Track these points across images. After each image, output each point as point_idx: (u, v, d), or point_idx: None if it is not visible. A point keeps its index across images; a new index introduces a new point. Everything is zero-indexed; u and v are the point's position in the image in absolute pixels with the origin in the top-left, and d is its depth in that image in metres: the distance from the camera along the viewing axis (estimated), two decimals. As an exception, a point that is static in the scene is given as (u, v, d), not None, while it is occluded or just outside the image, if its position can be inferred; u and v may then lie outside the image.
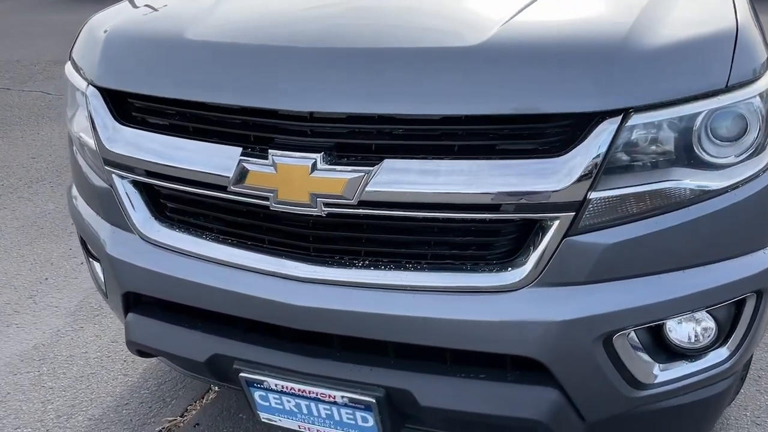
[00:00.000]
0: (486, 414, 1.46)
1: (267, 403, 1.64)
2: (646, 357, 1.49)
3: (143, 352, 1.79)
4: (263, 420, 1.68)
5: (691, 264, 1.42)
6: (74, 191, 2.00)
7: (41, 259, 3.38)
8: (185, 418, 2.29)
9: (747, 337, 1.53)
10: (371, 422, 1.55)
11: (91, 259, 1.96)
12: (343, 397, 1.52)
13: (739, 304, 1.51)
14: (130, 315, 1.76)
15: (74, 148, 1.90)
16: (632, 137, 1.31)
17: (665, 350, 1.53)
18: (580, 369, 1.42)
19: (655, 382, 1.51)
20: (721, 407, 1.77)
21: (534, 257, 1.37)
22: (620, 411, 1.52)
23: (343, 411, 1.56)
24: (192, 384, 2.41)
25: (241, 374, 1.59)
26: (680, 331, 1.51)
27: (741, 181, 1.40)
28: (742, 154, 1.40)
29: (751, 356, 1.90)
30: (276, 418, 1.66)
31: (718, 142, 1.38)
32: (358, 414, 1.55)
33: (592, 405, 1.49)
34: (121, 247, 1.70)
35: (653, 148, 1.34)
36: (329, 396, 1.53)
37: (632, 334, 1.46)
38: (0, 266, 3.33)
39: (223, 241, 1.60)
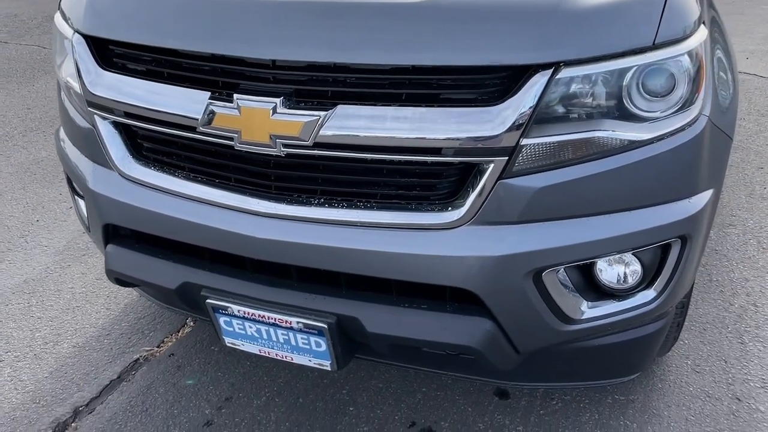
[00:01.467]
0: (426, 340, 1.61)
1: (231, 329, 1.79)
2: (574, 294, 1.63)
3: (121, 281, 1.94)
4: (228, 345, 1.84)
5: (617, 208, 1.55)
6: (62, 134, 2.13)
7: (33, 203, 3.52)
8: (161, 348, 2.45)
9: (673, 280, 1.67)
10: (324, 347, 1.70)
11: (76, 197, 2.10)
12: (298, 322, 1.67)
13: (665, 249, 1.65)
14: (110, 246, 1.90)
15: (62, 93, 2.02)
16: (563, 89, 1.43)
17: (594, 289, 1.67)
18: (512, 302, 1.57)
19: (583, 317, 1.65)
20: (652, 348, 1.92)
21: (471, 198, 1.50)
22: (551, 343, 1.67)
23: (298, 336, 1.71)
24: (169, 318, 2.57)
25: (208, 301, 1.74)
26: (608, 271, 1.65)
27: (667, 133, 1.52)
28: (669, 109, 1.52)
29: (687, 304, 2.05)
30: (239, 342, 1.81)
31: (647, 96, 1.50)
32: (312, 339, 1.70)
33: (524, 336, 1.64)
34: (101, 182, 1.84)
35: (583, 100, 1.46)
36: (286, 322, 1.68)
37: (562, 271, 1.60)
38: (-6, 208, 3.47)
39: (194, 179, 1.73)
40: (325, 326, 1.64)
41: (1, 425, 2.10)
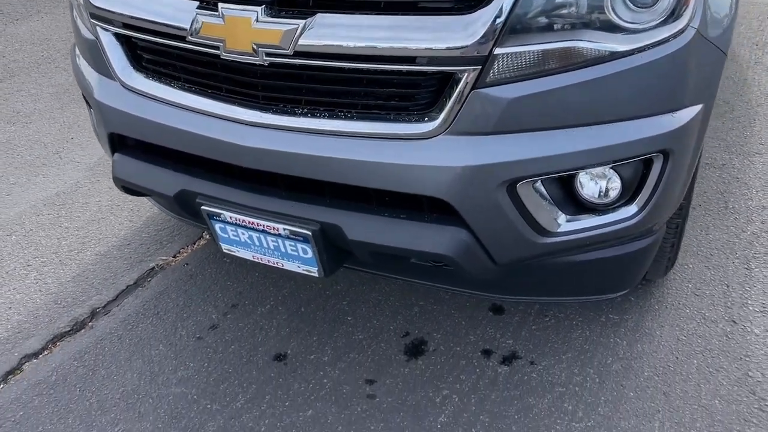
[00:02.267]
0: (404, 248, 1.67)
1: (226, 235, 1.88)
2: (551, 206, 1.64)
3: (128, 189, 2.04)
4: (225, 251, 1.93)
5: (595, 121, 1.54)
6: (76, 50, 2.21)
7: (69, 122, 3.67)
8: (177, 258, 2.58)
9: (654, 196, 1.66)
10: (310, 254, 1.77)
11: (89, 108, 2.20)
12: (285, 229, 1.74)
13: (647, 164, 1.64)
14: (116, 155, 2.00)
15: (73, 11, 2.09)
16: (538, -2, 1.41)
17: (573, 202, 1.68)
18: (486, 212, 1.59)
19: (560, 230, 1.67)
20: (639, 266, 1.93)
21: (447, 108, 1.52)
22: (528, 256, 1.70)
23: (287, 243, 1.78)
24: (186, 231, 2.70)
25: (203, 207, 1.82)
26: (588, 185, 1.66)
27: (650, 44, 1.49)
28: (654, 20, 1.48)
29: (681, 225, 2.04)
30: (234, 248, 1.90)
31: (632, 6, 1.47)
32: (299, 246, 1.77)
33: (500, 247, 1.67)
34: (105, 92, 1.92)
35: (561, 9, 1.43)
36: (274, 228, 1.76)
37: (538, 184, 1.61)
38: (34, 126, 3.64)
39: (188, 89, 1.79)
40: (310, 233, 1.71)
41: (25, 322, 2.29)
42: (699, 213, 2.76)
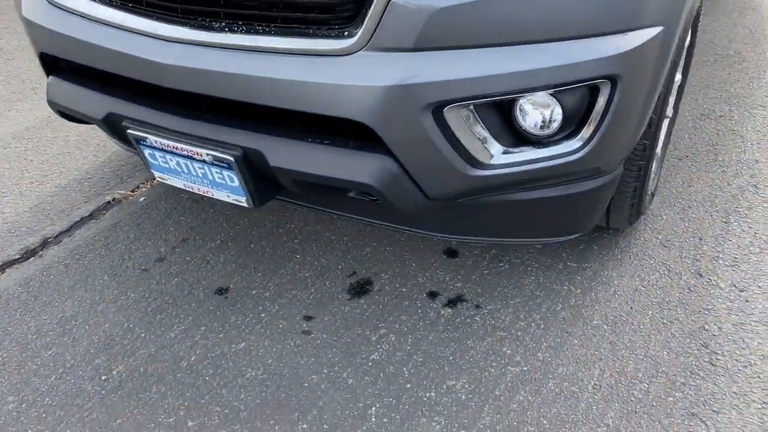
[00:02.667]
0: (327, 176, 1.58)
1: (156, 162, 1.81)
2: (484, 135, 1.54)
3: (63, 114, 1.99)
4: (158, 179, 1.87)
5: (531, 39, 1.42)
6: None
7: (52, 59, 3.63)
8: (135, 193, 2.54)
9: (600, 129, 1.54)
10: (236, 182, 1.70)
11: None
12: (208, 154, 1.67)
13: (593, 92, 1.51)
14: (50, 77, 1.94)
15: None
16: None
17: (511, 133, 1.57)
18: (412, 139, 1.49)
19: (495, 162, 1.57)
20: (591, 208, 1.82)
21: (366, 20, 1.41)
22: (462, 190, 1.60)
23: (213, 170, 1.71)
24: (146, 166, 2.64)
25: (129, 131, 1.76)
26: (526, 113, 1.54)
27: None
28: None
29: (645, 168, 1.90)
30: (166, 176, 1.84)
31: None
32: (225, 173, 1.70)
33: (431, 180, 1.58)
34: (32, 9, 1.85)
35: None
36: (198, 154, 1.69)
37: (470, 109, 1.50)
38: (15, 62, 3.60)
39: (109, 3, 1.71)
40: (233, 159, 1.63)
41: (-25, 249, 2.27)
42: (685, 164, 2.61)
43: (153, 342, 1.92)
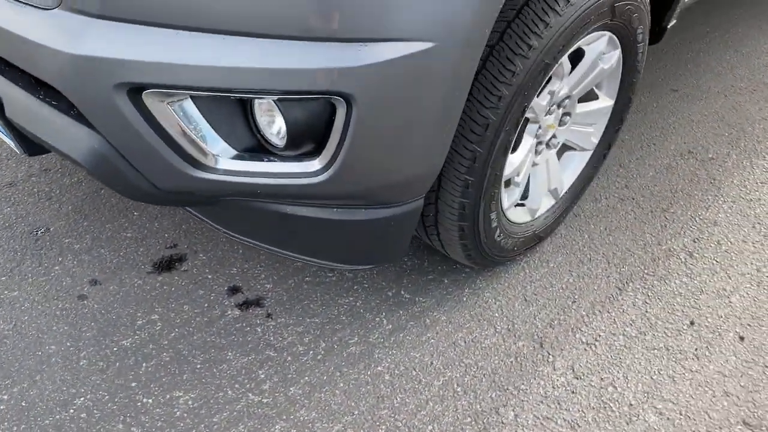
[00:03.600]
0: (48, 143, 1.41)
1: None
2: (205, 133, 1.29)
3: None
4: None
5: (238, 29, 1.15)
6: None
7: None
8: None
9: (339, 156, 1.26)
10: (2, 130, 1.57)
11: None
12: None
13: (332, 109, 1.23)
14: None
15: None
16: None
17: (249, 138, 1.32)
18: (114, 120, 1.28)
19: (220, 167, 1.33)
20: (374, 243, 1.53)
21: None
22: (189, 187, 1.37)
23: (-20, 109, 1.58)
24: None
25: None
26: (257, 119, 1.29)
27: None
28: None
29: (475, 208, 1.57)
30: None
31: None
32: (-11, 116, 1.57)
33: (151, 169, 1.36)
34: None
35: None
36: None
37: (188, 101, 1.26)
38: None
39: None
40: (-17, 102, 1.49)
41: None
42: (622, 208, 2.20)
43: (-57, 267, 1.88)
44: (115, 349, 1.68)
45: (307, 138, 1.28)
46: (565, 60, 1.57)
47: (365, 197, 1.41)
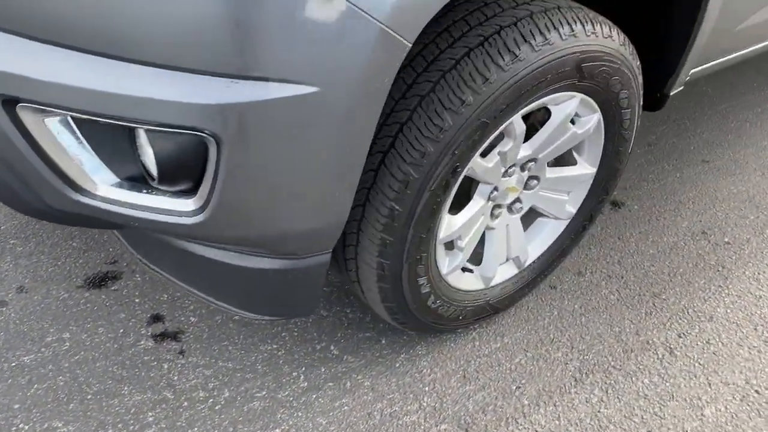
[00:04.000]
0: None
1: None
2: (82, 158, 1.20)
3: None
4: None
5: (106, 52, 1.05)
6: None
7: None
8: None
9: (212, 199, 1.14)
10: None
11: None
12: None
13: (204, 147, 1.11)
14: None
15: None
16: None
17: (133, 166, 1.22)
18: (-7, 130, 1.21)
19: (101, 194, 1.23)
20: (271, 296, 1.40)
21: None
22: (72, 209, 1.28)
23: None
24: None
25: None
26: (137, 148, 1.19)
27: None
28: None
29: (396, 271, 1.41)
30: None
31: None
32: None
33: (34, 183, 1.27)
34: None
35: None
36: None
37: (67, 121, 1.17)
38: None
39: None
40: None
41: None
42: (606, 287, 1.97)
43: None
44: (13, 364, 1.61)
45: (180, 174, 1.16)
46: (516, 120, 1.39)
47: (258, 245, 1.28)
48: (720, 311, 1.91)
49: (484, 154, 1.43)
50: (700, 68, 1.87)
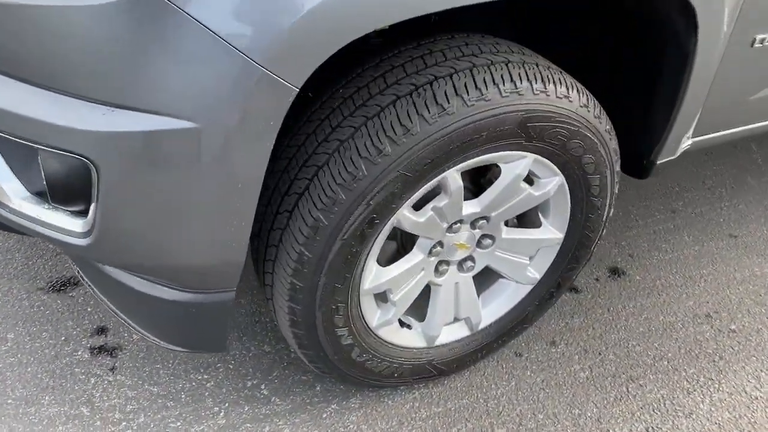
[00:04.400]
0: None
1: None
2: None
3: None
4: None
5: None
6: None
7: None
8: None
9: (96, 223, 1.12)
10: None
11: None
12: None
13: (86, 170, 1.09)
14: None
15: None
16: None
17: (34, 180, 1.22)
18: None
19: (14, 207, 1.23)
20: (175, 327, 1.38)
21: None
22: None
23: None
24: None
25: None
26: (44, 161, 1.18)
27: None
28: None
29: (328, 320, 1.34)
30: None
31: None
32: None
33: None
34: None
35: None
36: None
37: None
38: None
39: None
40: None
41: None
42: (585, 368, 1.81)
43: None
44: (-51, 359, 1.64)
45: (69, 195, 1.15)
46: (451, 175, 1.29)
47: (156, 275, 1.25)
48: (703, 408, 1.71)
49: (418, 207, 1.34)
50: (705, 137, 1.70)
